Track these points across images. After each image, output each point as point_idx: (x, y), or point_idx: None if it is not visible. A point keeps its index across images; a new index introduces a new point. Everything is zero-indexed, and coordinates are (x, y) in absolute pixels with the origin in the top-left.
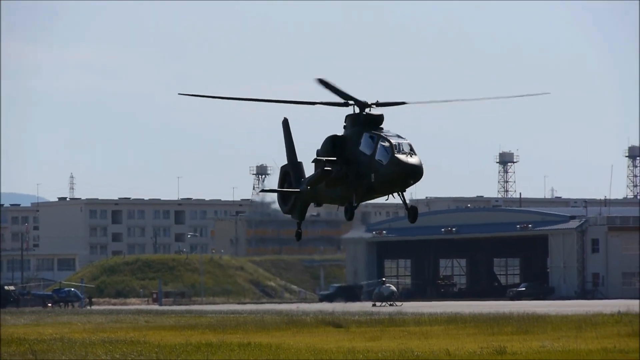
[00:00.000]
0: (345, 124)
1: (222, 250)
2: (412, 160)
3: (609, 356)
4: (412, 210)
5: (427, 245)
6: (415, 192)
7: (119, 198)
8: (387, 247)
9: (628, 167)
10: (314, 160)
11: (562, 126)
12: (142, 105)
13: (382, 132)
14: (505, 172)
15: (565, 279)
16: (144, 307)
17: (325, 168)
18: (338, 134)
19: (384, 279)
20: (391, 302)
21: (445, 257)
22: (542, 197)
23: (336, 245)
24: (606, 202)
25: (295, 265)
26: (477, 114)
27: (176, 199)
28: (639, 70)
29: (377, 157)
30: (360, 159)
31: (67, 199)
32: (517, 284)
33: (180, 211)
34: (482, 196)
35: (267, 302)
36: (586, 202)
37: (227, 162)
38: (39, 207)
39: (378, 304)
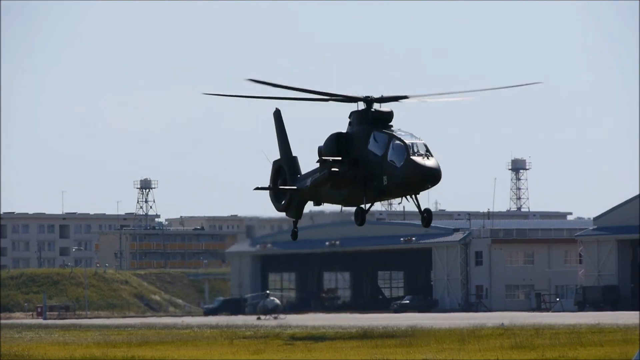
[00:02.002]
0: (350, 121)
1: (107, 264)
2: (429, 162)
3: None
4: (426, 215)
5: (311, 258)
6: None
7: (3, 212)
8: (272, 260)
9: (511, 180)
10: (319, 160)
11: (445, 139)
12: (24, 116)
13: (393, 130)
14: None
15: (449, 292)
16: (28, 321)
17: (332, 169)
18: (342, 132)
19: (268, 292)
20: (275, 315)
21: (329, 270)
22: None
23: (221, 258)
24: (489, 215)
25: (180, 279)
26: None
27: (60, 213)
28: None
29: (389, 158)
30: (369, 160)
31: None
32: (401, 297)
33: (64, 225)
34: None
35: (152, 316)
36: (470, 215)
37: (111, 176)
38: None
39: (262, 317)
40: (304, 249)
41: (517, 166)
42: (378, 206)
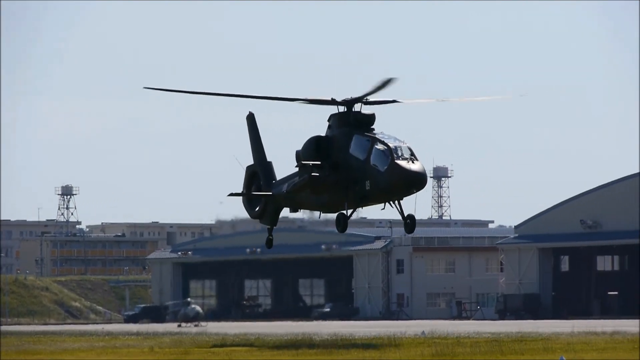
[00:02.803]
0: (329, 124)
1: (27, 271)
2: (415, 167)
3: None
4: (409, 221)
5: (232, 265)
6: (221, 213)
7: None
8: (193, 267)
9: (433, 187)
10: (299, 165)
11: None
12: None
13: (375, 133)
14: None
15: (370, 300)
16: None
17: (313, 174)
18: (322, 135)
19: (189, 299)
20: (196, 323)
21: (251, 277)
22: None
23: (141, 265)
24: None
25: (101, 286)
26: (280, 133)
27: None
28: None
29: (372, 162)
30: (351, 164)
31: None
32: (322, 305)
33: None
34: (287, 217)
35: (72, 323)
36: (391, 223)
37: (32, 182)
38: None
39: (183, 324)
40: (224, 256)
41: (439, 174)
42: (300, 213)
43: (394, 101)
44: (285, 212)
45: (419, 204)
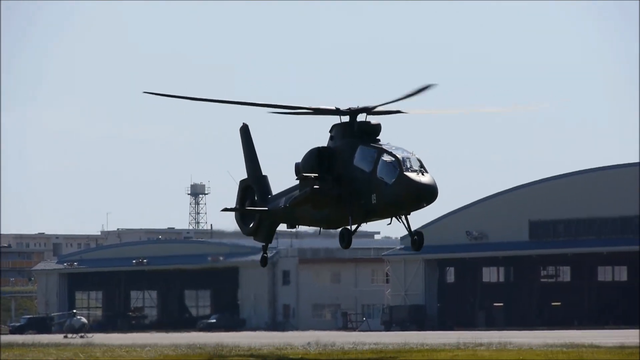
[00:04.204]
0: (332, 135)
1: None
2: (425, 179)
3: None
4: (417, 237)
5: (118, 276)
6: (106, 224)
7: None
8: (79, 278)
9: None
10: (300, 177)
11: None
12: None
13: (381, 144)
14: (197, 203)
15: (256, 311)
16: None
17: (315, 186)
18: (323, 146)
19: (75, 310)
20: (82, 334)
21: (137, 288)
22: (234, 229)
23: (27, 276)
24: (297, 234)
25: None
26: (167, 144)
27: None
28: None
29: (379, 174)
30: (355, 176)
31: None
32: (208, 316)
33: None
34: (173, 228)
35: None
36: (277, 234)
37: None
38: None
39: (70, 335)
40: (110, 267)
41: None
42: (186, 225)
43: (398, 112)
44: (172, 223)
45: None
